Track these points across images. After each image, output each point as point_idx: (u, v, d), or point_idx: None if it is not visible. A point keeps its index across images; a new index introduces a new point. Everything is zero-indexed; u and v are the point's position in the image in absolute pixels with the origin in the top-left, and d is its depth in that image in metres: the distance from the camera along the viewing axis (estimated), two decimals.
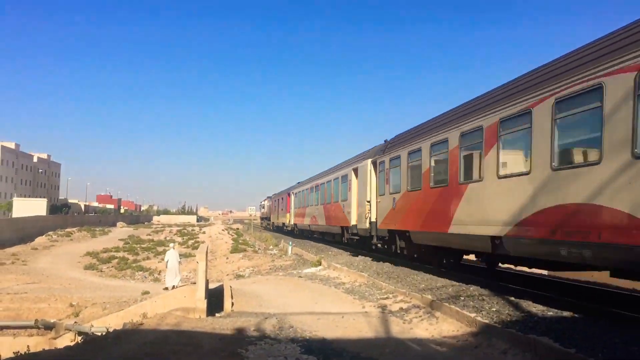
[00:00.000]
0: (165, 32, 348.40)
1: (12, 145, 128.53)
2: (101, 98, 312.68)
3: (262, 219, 73.94)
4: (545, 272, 17.59)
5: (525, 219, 10.90)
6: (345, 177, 27.63)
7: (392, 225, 19.55)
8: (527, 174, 11.02)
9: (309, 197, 39.29)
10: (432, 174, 16.04)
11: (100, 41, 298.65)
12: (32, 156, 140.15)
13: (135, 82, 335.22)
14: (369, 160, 23.06)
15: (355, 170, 25.44)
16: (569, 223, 9.60)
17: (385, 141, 22.64)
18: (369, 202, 22.79)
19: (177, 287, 19.79)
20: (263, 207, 72.75)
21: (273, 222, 64.49)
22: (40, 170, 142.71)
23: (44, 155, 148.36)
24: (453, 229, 14.25)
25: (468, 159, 13.77)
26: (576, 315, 9.59)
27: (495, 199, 12.23)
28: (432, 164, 16.04)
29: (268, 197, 72.18)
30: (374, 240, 22.20)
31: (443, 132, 15.35)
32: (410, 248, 18.47)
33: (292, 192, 48.65)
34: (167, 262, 20.38)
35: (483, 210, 12.80)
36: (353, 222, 25.39)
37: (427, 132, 16.86)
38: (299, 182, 49.62)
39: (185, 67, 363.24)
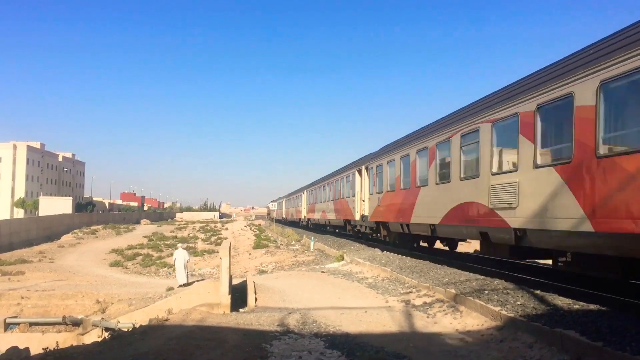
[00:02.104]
0: (186, 32, 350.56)
1: (37, 145, 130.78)
2: (124, 97, 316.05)
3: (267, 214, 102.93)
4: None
5: None
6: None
7: None
8: None
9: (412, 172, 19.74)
10: None
11: (122, 43, 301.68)
12: (57, 155, 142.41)
13: (158, 81, 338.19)
14: None
15: None
16: None
17: None
18: None
19: (186, 284, 20.52)
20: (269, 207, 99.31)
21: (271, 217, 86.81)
22: (65, 169, 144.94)
23: (69, 154, 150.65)
24: None
25: None
26: (603, 308, 9.45)
27: None
28: None
29: (272, 201, 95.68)
30: None
31: None
32: None
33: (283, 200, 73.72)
34: (174, 260, 21.37)
35: None
36: None
37: None
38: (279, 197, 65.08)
39: (208, 65, 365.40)
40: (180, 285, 20.65)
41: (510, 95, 13.03)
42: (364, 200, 27.72)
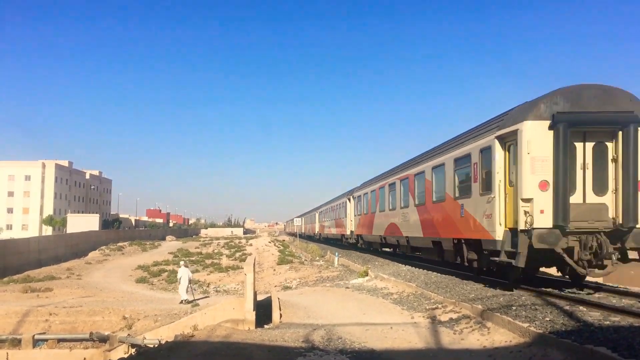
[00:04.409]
0: (210, 53, 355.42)
1: (65, 163, 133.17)
2: (149, 117, 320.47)
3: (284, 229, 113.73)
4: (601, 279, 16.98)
5: None
6: None
7: None
8: None
9: None
10: None
11: (148, 62, 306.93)
12: (85, 173, 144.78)
13: (182, 99, 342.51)
14: None
15: None
16: None
17: None
18: None
19: (193, 301, 21.15)
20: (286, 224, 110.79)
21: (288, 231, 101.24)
22: (92, 187, 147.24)
23: (96, 172, 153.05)
24: None
25: None
26: (635, 324, 9.24)
27: None
28: None
29: (297, 216, 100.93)
30: None
31: None
32: None
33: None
34: (179, 278, 22.02)
35: None
36: None
37: None
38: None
39: (232, 82, 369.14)
40: (182, 301, 21.22)
41: None
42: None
